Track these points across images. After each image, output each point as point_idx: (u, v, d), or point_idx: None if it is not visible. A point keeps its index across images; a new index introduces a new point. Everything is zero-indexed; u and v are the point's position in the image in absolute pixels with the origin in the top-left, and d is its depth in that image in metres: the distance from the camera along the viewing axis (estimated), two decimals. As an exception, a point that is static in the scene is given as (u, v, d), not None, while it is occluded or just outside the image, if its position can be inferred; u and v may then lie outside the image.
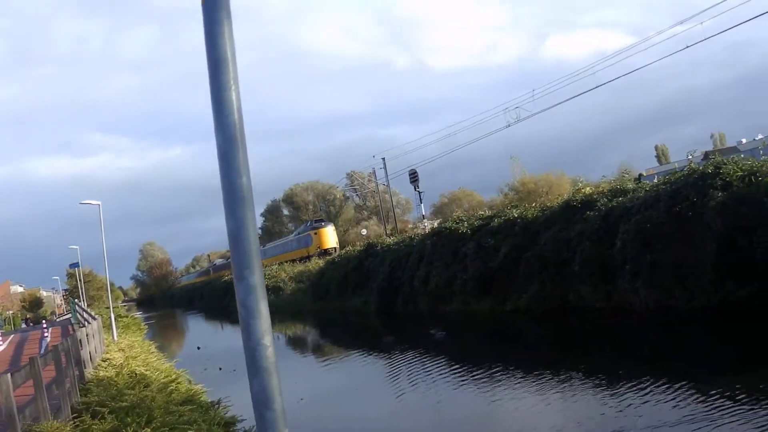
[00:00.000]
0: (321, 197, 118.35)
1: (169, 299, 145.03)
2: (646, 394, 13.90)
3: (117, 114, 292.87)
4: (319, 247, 74.85)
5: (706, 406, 12.27)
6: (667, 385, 14.01)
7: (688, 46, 33.61)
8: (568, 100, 45.66)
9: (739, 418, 11.22)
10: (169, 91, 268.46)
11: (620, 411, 13.16)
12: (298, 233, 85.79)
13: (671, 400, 13.13)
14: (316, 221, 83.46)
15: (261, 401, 2.99)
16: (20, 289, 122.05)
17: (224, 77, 3.00)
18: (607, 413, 13.27)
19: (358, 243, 63.10)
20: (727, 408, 11.86)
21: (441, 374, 20.19)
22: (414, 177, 60.69)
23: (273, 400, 3.00)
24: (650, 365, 16.83)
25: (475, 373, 19.46)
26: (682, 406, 12.67)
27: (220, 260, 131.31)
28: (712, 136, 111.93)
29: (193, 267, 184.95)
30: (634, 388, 14.38)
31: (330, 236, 77.61)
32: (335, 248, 72.91)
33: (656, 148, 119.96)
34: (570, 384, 16.19)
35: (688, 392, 13.39)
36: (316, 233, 77.92)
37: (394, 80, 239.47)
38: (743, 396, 12.28)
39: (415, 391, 18.58)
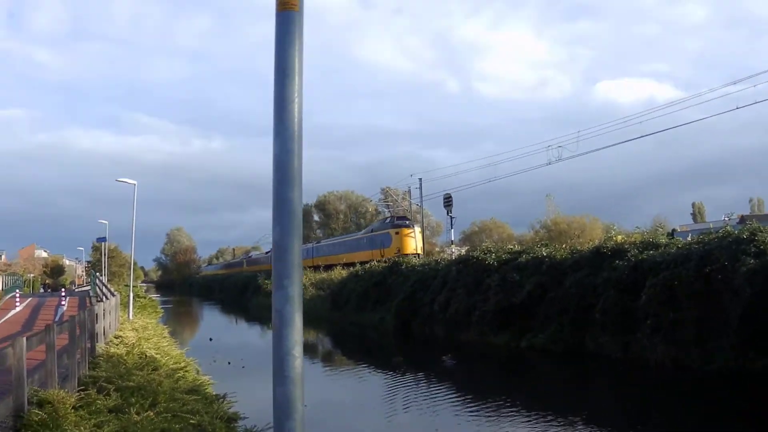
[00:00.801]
0: (353, 208, 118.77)
1: (188, 287, 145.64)
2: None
3: (164, 98, 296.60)
4: (399, 251, 60.79)
5: None
6: None
7: (738, 107, 33.49)
8: (612, 145, 45.66)
9: None
10: (216, 83, 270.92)
11: None
12: (372, 230, 73.05)
13: None
14: (398, 219, 69.77)
15: (282, 410, 3.04)
16: (44, 254, 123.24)
17: (289, 89, 3.10)
18: None
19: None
20: None
21: (445, 401, 20.19)
22: (448, 201, 60.64)
23: (295, 410, 3.07)
24: (655, 422, 16.85)
25: (478, 404, 19.50)
26: None
27: (257, 253, 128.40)
28: (750, 201, 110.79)
29: (217, 258, 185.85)
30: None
31: (415, 239, 64.24)
32: (419, 255, 59.70)
33: (693, 205, 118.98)
34: (571, 428, 16.16)
35: None
36: (397, 233, 64.56)
37: (442, 103, 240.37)
38: None
39: (413, 414, 18.61)
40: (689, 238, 25.60)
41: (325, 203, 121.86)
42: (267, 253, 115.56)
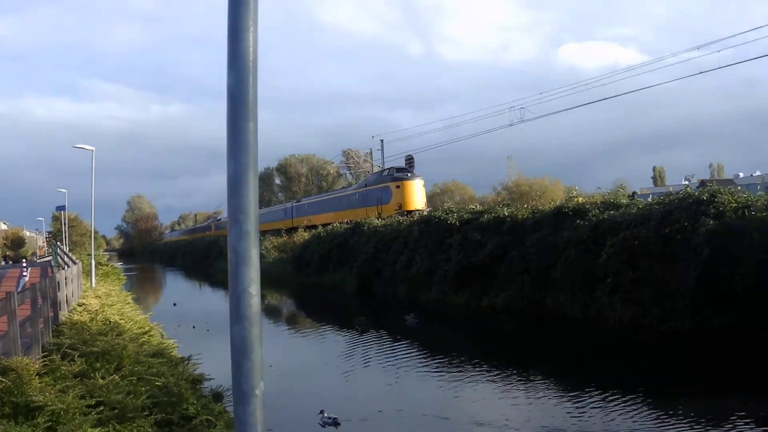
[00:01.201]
0: (315, 171, 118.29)
1: (150, 254, 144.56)
2: (601, 402, 14.11)
3: (122, 64, 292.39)
4: (400, 207, 53.95)
5: (655, 420, 12.63)
6: (624, 398, 14.18)
7: (701, 72, 33.62)
8: (573, 108, 45.60)
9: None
10: (174, 47, 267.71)
11: (571, 414, 13.45)
12: (366, 184, 62.62)
13: (623, 411, 13.37)
14: (398, 170, 59.32)
15: (240, 350, 2.93)
16: (3, 227, 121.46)
17: (244, 17, 2.90)
18: (557, 415, 13.46)
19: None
20: (669, 427, 12.19)
21: (406, 358, 20.28)
22: (410, 163, 60.64)
23: (252, 350, 2.94)
24: (612, 377, 17.01)
25: (440, 361, 19.60)
26: (633, 417, 12.93)
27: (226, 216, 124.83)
28: (710, 166, 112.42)
29: (179, 225, 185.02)
30: (591, 396, 14.58)
31: (418, 193, 56.04)
32: (421, 211, 51.73)
33: (654, 169, 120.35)
34: (530, 383, 16.34)
35: (640, 406, 13.62)
36: (398, 187, 55.80)
37: (405, 65, 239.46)
38: (689, 417, 12.57)
39: (375, 371, 18.64)
40: (650, 199, 25.69)
41: (287, 167, 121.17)
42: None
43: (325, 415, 13.25)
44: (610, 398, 14.32)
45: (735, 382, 15.62)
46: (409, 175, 57.67)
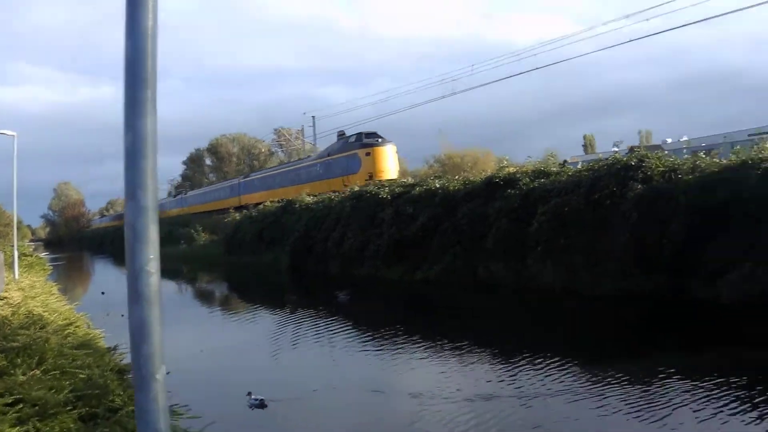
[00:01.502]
0: (246, 150, 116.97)
1: (78, 242, 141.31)
2: (534, 367, 14.05)
3: (48, 46, 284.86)
4: (371, 176, 48.34)
5: (587, 381, 12.61)
6: (557, 362, 14.16)
7: (631, 40, 33.80)
8: (505, 78, 45.64)
9: (610, 395, 11.63)
10: (102, 27, 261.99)
11: (504, 380, 13.37)
12: (329, 153, 56.13)
13: (556, 374, 13.34)
14: (367, 135, 52.85)
15: (138, 333, 2.79)
16: None
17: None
18: (491, 381, 13.37)
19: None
20: (602, 386, 12.19)
21: (340, 335, 19.89)
22: (342, 138, 60.14)
23: (151, 333, 2.80)
24: (545, 342, 17.00)
25: (374, 336, 19.27)
26: (565, 380, 12.92)
27: (164, 199, 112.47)
28: (639, 133, 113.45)
29: (107, 210, 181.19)
30: (524, 361, 14.50)
31: (391, 161, 50.85)
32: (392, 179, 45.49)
33: (584, 137, 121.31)
34: (464, 353, 16.16)
35: (572, 369, 13.64)
36: (368, 154, 50.41)
37: (337, 41, 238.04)
38: (619, 377, 12.59)
39: (309, 350, 18.27)
40: (579, 167, 25.73)
41: (218, 146, 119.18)
42: (177, 195, 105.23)
43: (252, 396, 12.81)
44: (542, 362, 14.27)
45: (663, 342, 15.81)
46: (379, 140, 51.76)
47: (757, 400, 10.65)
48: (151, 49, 2.84)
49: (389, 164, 50.36)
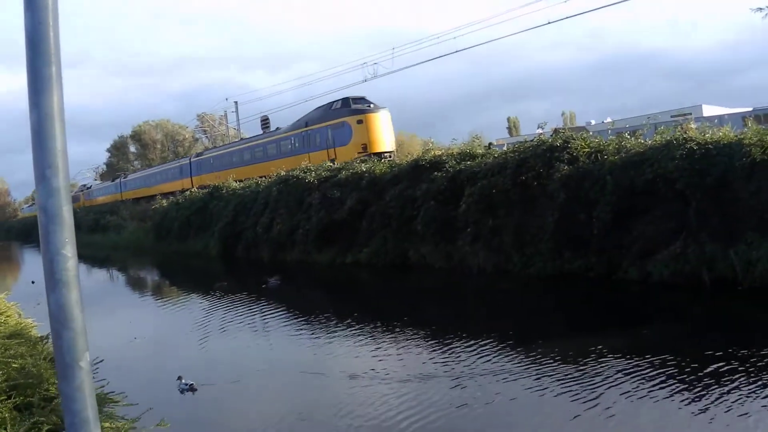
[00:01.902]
0: (170, 137, 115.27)
1: (5, 231, 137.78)
2: (468, 347, 13.95)
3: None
4: (364, 148, 40.34)
5: (520, 360, 12.66)
6: (490, 342, 14.07)
7: (549, 22, 33.89)
8: (425, 62, 45.58)
9: (543, 374, 11.69)
10: (17, 11, 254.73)
11: (438, 360, 13.28)
12: (308, 123, 46.09)
13: (489, 354, 13.29)
14: (355, 100, 43.57)
15: (58, 319, 2.71)
16: None
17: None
18: (426, 362, 13.22)
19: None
20: (535, 365, 12.20)
21: (273, 321, 19.34)
22: (265, 123, 58.78)
23: (71, 318, 2.70)
24: (477, 323, 17.01)
25: (307, 320, 18.75)
26: (499, 359, 12.91)
27: (98, 183, 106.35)
28: (563, 114, 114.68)
29: (32, 199, 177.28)
30: (457, 342, 14.36)
31: (387, 129, 42.45)
32: (391, 154, 41.07)
33: (508, 119, 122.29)
34: (398, 335, 15.88)
35: (505, 349, 13.59)
36: (360, 122, 41.44)
37: (257, 25, 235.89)
38: (552, 356, 12.60)
39: (241, 335, 17.77)
40: (505, 149, 25.62)
41: (141, 133, 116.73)
42: (115, 179, 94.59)
43: (183, 381, 12.56)
44: (475, 343, 14.03)
45: (594, 322, 15.87)
46: (371, 106, 42.79)
47: (687, 378, 10.55)
48: (53, 22, 2.68)
49: (385, 134, 42.17)
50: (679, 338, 13.24)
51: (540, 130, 25.01)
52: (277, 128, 52.83)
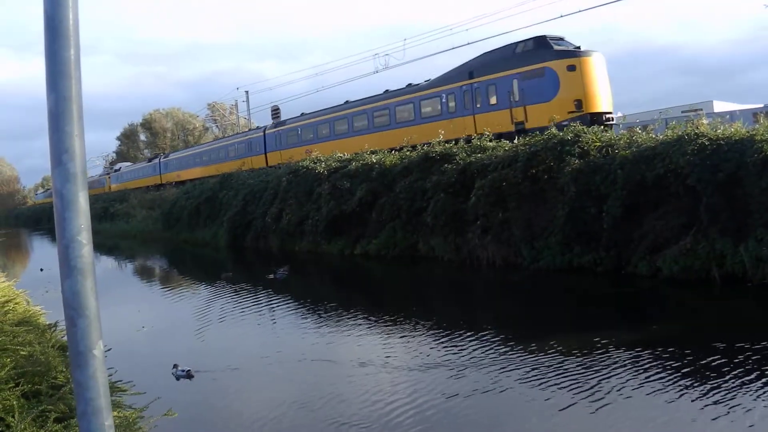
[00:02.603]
0: (180, 125, 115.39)
1: (15, 218, 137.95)
2: (476, 339, 13.92)
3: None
4: (578, 105, 29.46)
5: (527, 353, 12.60)
6: (498, 334, 14.14)
7: (562, 16, 33.83)
8: (438, 53, 45.48)
9: (544, 366, 11.75)
10: (33, 2, 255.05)
11: (447, 351, 13.30)
12: (473, 72, 33.87)
13: (498, 346, 13.34)
14: (555, 39, 31.69)
15: (72, 306, 2.65)
16: None
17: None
18: (434, 353, 13.24)
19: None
20: (537, 357, 12.26)
21: (282, 310, 19.55)
22: (276, 113, 58.82)
23: (86, 306, 2.65)
24: (486, 315, 17.09)
25: (317, 310, 18.83)
26: (507, 351, 12.95)
27: (127, 165, 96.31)
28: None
29: (42, 187, 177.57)
30: (466, 333, 14.36)
31: (604, 83, 30.80)
32: (613, 117, 30.82)
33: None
34: (407, 325, 15.92)
35: (514, 340, 13.62)
36: (572, 69, 29.88)
37: (270, 14, 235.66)
38: (557, 348, 12.63)
39: (250, 324, 17.81)
40: (516, 141, 25.33)
41: (152, 122, 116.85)
42: (155, 158, 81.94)
43: (179, 368, 12.74)
44: (481, 335, 14.07)
45: (601, 316, 15.88)
46: (580, 48, 31.16)
47: (694, 373, 10.56)
48: (72, 4, 2.64)
49: (604, 87, 30.66)
50: (687, 334, 13.22)
51: (552, 123, 23.17)
52: (409, 84, 39.25)
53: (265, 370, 13.23)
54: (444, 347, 13.63)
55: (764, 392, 9.49)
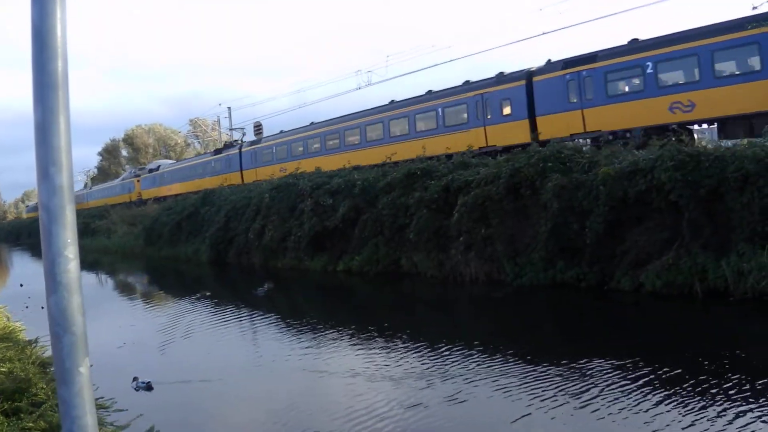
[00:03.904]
0: (162, 141, 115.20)
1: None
2: (461, 353, 14.06)
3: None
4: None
5: (509, 367, 12.77)
6: (481, 349, 14.23)
7: (543, 33, 34.01)
8: (420, 70, 45.56)
9: (523, 378, 11.95)
10: (15, 11, 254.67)
11: (431, 366, 13.30)
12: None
13: (482, 360, 13.43)
14: None
15: (58, 323, 2.58)
16: None
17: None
18: (417, 367, 13.35)
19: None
20: (525, 372, 12.35)
21: (264, 326, 19.69)
22: (258, 130, 58.62)
23: (72, 323, 2.59)
24: (469, 331, 17.16)
25: (299, 326, 18.95)
26: (489, 365, 13.04)
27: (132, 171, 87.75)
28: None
29: (23, 202, 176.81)
30: (452, 348, 14.42)
31: None
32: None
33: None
34: (391, 341, 16.01)
35: (496, 356, 13.71)
36: None
37: (254, 31, 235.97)
38: (539, 364, 12.75)
39: (232, 340, 17.88)
40: (499, 158, 25.44)
41: (133, 137, 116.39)
42: (223, 150, 62.27)
43: (139, 380, 12.97)
44: (468, 350, 14.24)
45: (583, 331, 16.13)
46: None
47: (676, 388, 10.60)
48: (61, 16, 2.60)
49: None
50: (669, 349, 13.26)
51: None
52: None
53: (247, 386, 13.33)
54: (418, 361, 13.84)
55: (748, 406, 9.51)
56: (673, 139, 20.85)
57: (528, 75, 31.52)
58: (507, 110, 31.97)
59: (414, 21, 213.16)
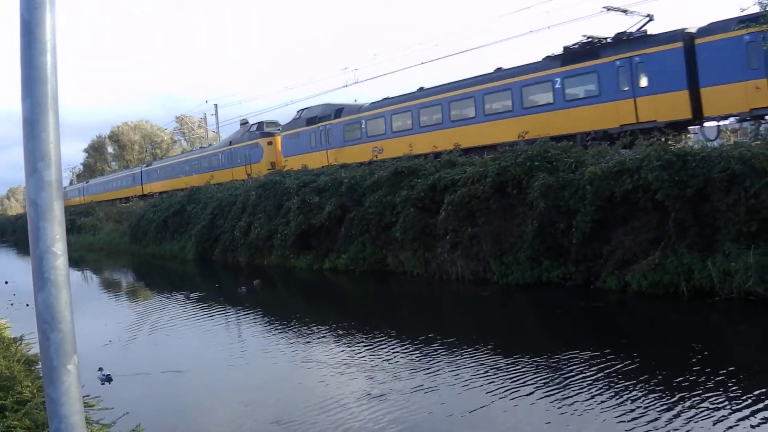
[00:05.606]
0: (148, 138, 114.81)
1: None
2: (447, 352, 14.04)
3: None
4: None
5: (497, 367, 12.63)
6: (467, 348, 14.19)
7: (531, 32, 33.94)
8: (408, 68, 45.58)
9: (510, 379, 11.78)
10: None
11: (417, 368, 13.16)
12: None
13: (467, 359, 13.39)
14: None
15: (46, 320, 2.55)
16: None
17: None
18: (405, 367, 13.23)
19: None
20: (512, 370, 12.28)
21: (249, 325, 19.72)
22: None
23: (60, 319, 2.55)
24: (455, 330, 16.94)
25: (284, 324, 18.90)
26: (475, 364, 12.94)
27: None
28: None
29: (8, 199, 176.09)
30: (439, 347, 14.43)
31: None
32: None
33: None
34: (375, 340, 15.90)
35: (484, 355, 13.63)
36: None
37: (241, 29, 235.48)
38: (523, 363, 12.71)
39: (216, 339, 17.72)
40: (486, 157, 25.40)
41: (119, 134, 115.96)
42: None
43: (103, 372, 13.21)
44: (443, 345, 14.41)
45: (568, 330, 16.15)
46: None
47: (660, 388, 10.58)
48: (50, 7, 2.56)
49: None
50: (654, 348, 13.25)
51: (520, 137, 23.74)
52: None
53: (234, 383, 13.26)
54: (393, 355, 14.05)
55: (733, 406, 9.50)
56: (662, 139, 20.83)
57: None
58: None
59: (402, 19, 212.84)
